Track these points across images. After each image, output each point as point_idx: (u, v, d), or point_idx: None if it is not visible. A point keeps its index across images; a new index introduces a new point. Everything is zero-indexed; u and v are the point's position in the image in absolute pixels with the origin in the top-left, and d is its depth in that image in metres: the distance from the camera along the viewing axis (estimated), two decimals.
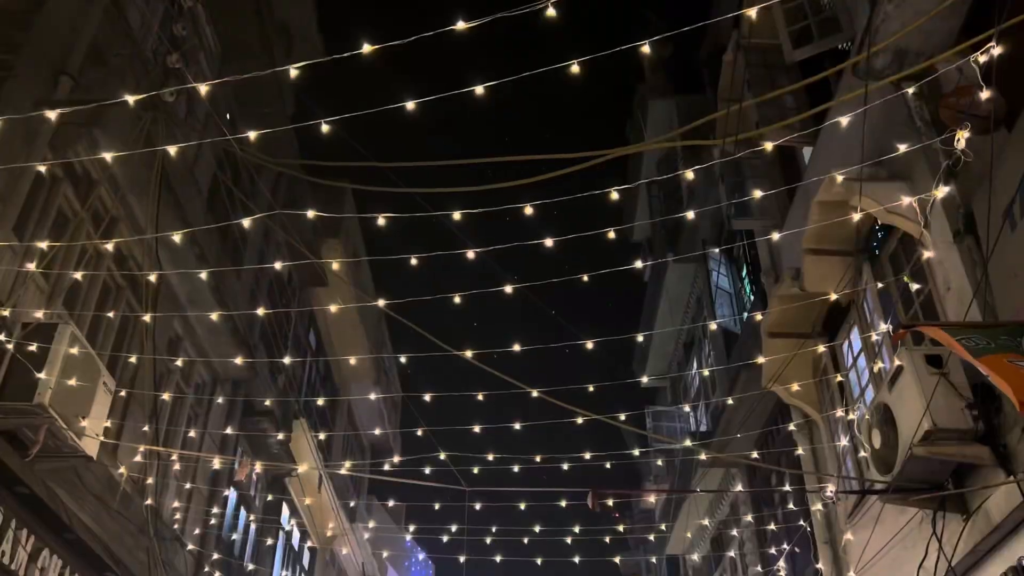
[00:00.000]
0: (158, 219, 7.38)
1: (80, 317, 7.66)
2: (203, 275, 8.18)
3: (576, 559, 9.59)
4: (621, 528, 11.28)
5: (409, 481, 7.15)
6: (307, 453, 14.32)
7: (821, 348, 8.39)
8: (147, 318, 7.38)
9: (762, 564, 11.15)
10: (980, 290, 5.75)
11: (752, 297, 12.19)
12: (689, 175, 6.63)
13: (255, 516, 12.94)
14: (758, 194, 8.18)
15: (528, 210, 5.23)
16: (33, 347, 5.97)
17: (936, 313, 6.67)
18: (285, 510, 15.01)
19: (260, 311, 9.60)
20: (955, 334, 4.64)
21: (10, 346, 5.93)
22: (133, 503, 8.63)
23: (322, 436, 16.72)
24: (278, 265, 7.29)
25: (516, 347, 6.28)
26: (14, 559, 6.24)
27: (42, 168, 6.44)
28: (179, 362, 9.29)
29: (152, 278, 7.39)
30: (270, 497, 13.52)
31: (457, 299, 5.80)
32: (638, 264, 6.48)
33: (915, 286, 6.75)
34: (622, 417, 6.89)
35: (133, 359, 8.15)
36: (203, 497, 10.66)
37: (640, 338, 14.44)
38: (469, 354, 6.05)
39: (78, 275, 6.74)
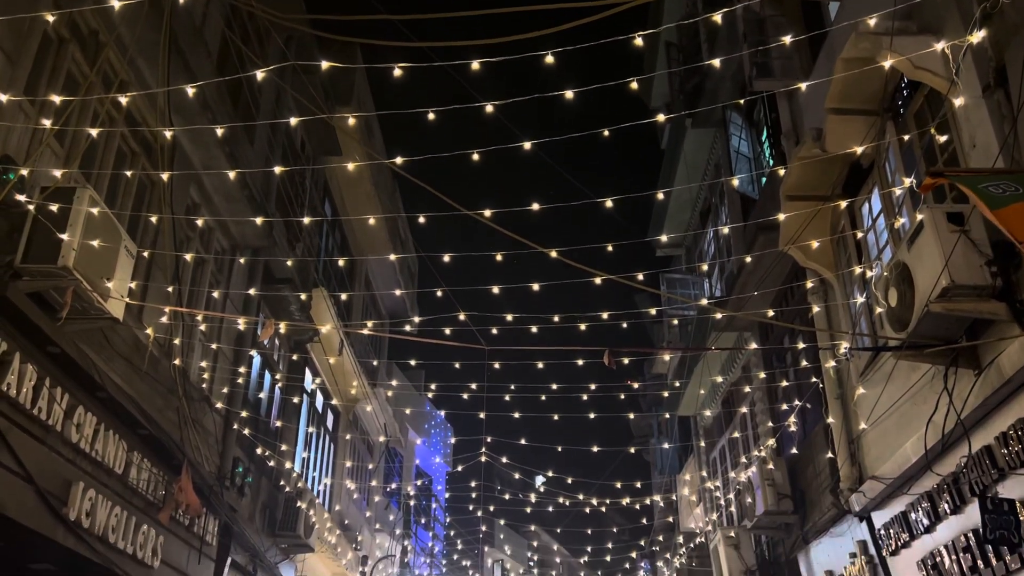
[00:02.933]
0: (168, 77, 7.27)
1: (96, 185, 7.67)
2: (219, 131, 8.12)
3: (591, 415, 9.87)
4: (635, 385, 11.50)
5: (429, 341, 7.28)
6: (327, 319, 14.59)
7: (843, 204, 8.30)
8: (165, 176, 7.37)
9: (773, 421, 11.42)
10: (1007, 146, 5.64)
11: (771, 161, 12.02)
12: (716, 18, 6.41)
13: (279, 377, 13.29)
14: (787, 40, 7.96)
15: (549, 58, 5.10)
16: (54, 207, 6.00)
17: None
18: (308, 374, 15.41)
19: (277, 169, 9.59)
20: (984, 181, 4.57)
21: (31, 207, 5.96)
22: (161, 365, 8.87)
23: (343, 296, 17.00)
24: (293, 121, 7.24)
25: (535, 206, 6.27)
26: (51, 415, 6.47)
27: (50, 19, 6.29)
28: (200, 222, 9.36)
29: (168, 135, 7.34)
30: (295, 357, 13.85)
31: (476, 156, 5.75)
32: (660, 117, 6.36)
33: (942, 137, 6.61)
34: (640, 277, 6.93)
35: (154, 219, 8.21)
36: (228, 359, 10.93)
37: (660, 195, 14.33)
38: (488, 213, 6.05)
39: (94, 132, 6.69)
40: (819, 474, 9.81)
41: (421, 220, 6.74)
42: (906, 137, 7.16)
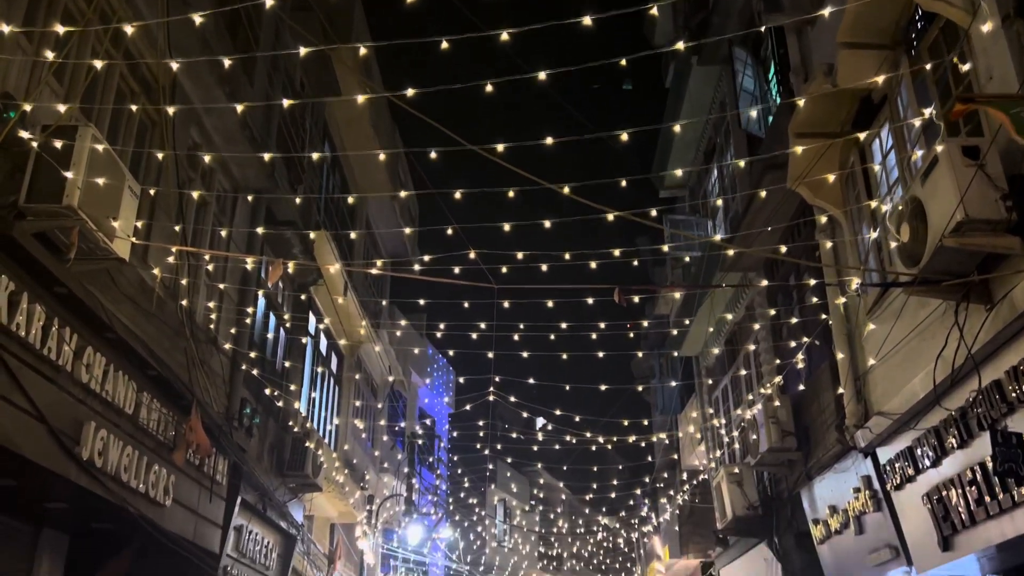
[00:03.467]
0: (168, 10, 7.13)
1: (96, 126, 7.55)
2: (227, 61, 8.02)
3: (599, 354, 9.90)
4: (645, 323, 11.52)
5: (438, 280, 7.23)
6: (331, 261, 14.56)
7: (861, 136, 8.15)
8: (171, 110, 7.27)
9: (777, 359, 11.43)
10: None
11: (779, 99, 11.85)
12: None
13: (285, 317, 13.31)
14: None
15: None
16: (58, 144, 5.91)
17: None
18: (312, 317, 15.43)
19: (285, 102, 9.49)
20: (1016, 106, 4.50)
21: (35, 144, 5.87)
22: (167, 307, 8.86)
23: (352, 235, 16.93)
24: (302, 51, 7.11)
25: (549, 140, 6.17)
26: (60, 356, 6.47)
27: None
28: (207, 158, 9.28)
29: (174, 66, 7.22)
30: (303, 297, 13.86)
31: (489, 87, 5.64)
32: (680, 46, 6.24)
33: (965, 66, 6.49)
34: (653, 213, 6.88)
35: (160, 155, 8.13)
36: (233, 302, 10.92)
37: (677, 128, 14.14)
38: (501, 148, 5.96)
39: (97, 63, 6.56)
40: (823, 411, 9.88)
41: (433, 155, 6.64)
42: (928, 66, 7.01)
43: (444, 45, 5.52)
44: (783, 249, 8.77)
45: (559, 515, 34.53)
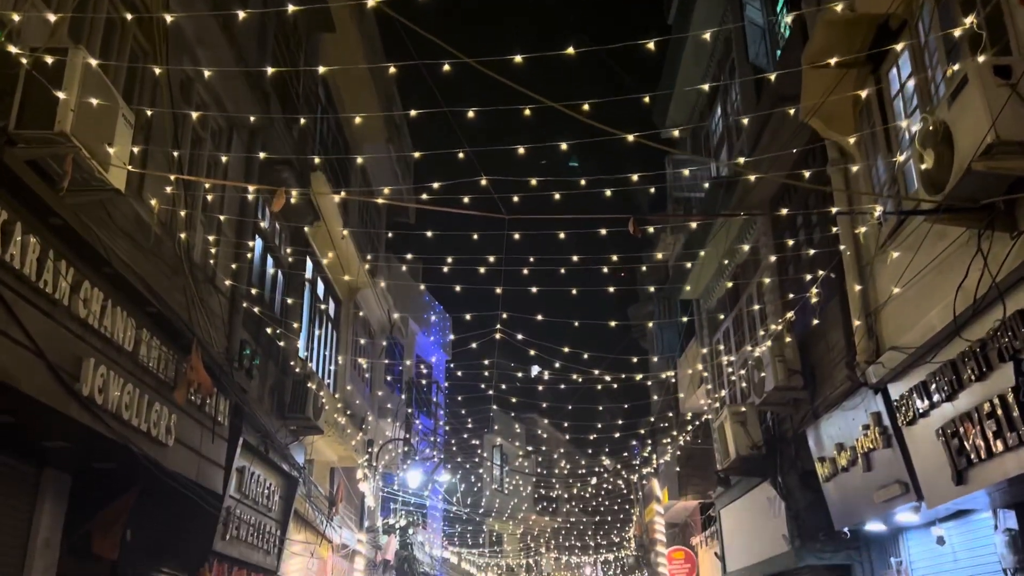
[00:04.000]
0: None
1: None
2: None
3: (611, 288, 9.73)
4: (659, 256, 11.33)
5: (447, 209, 7.01)
6: (328, 205, 14.32)
7: (889, 50, 7.86)
8: (169, 18, 6.99)
9: (784, 296, 11.26)
10: None
11: (787, 31, 11.54)
12: None
13: (282, 260, 13.11)
14: None
15: None
16: (48, 60, 5.64)
17: (1004, 25, 6.22)
18: (309, 263, 15.22)
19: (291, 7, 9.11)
20: None
21: (24, 60, 5.60)
22: (165, 245, 8.65)
23: (359, 158, 16.52)
24: None
25: (571, 50, 5.91)
26: (57, 289, 6.28)
27: None
28: (206, 70, 8.97)
29: None
30: (304, 228, 13.65)
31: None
32: None
33: None
34: (676, 132, 6.65)
35: (158, 70, 7.84)
36: (231, 241, 10.70)
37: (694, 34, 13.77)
38: (518, 59, 5.69)
39: None
40: (831, 349, 9.77)
41: (447, 67, 6.36)
42: None
43: None
44: (806, 175, 8.51)
45: (556, 460, 34.74)
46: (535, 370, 23.33)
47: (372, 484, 17.91)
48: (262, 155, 11.06)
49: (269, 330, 11.62)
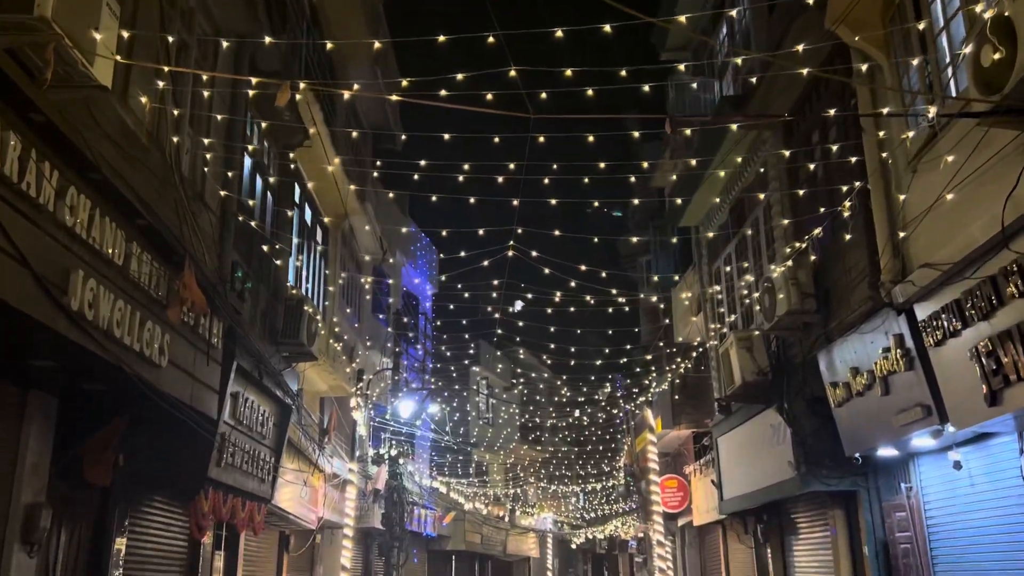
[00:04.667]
0: None
1: None
2: None
3: (635, 201, 9.24)
4: (676, 163, 10.82)
5: (468, 108, 6.50)
6: (316, 117, 13.74)
7: None
8: None
9: (796, 214, 10.88)
10: None
11: None
12: None
13: (271, 179, 12.58)
14: None
15: None
16: None
17: None
18: (296, 188, 14.67)
19: None
20: None
21: None
22: (153, 156, 8.11)
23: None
24: None
25: None
26: (41, 193, 5.78)
27: None
28: None
29: None
30: (286, 161, 13.10)
31: None
32: None
33: None
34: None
35: None
36: (220, 161, 10.15)
37: None
38: None
39: None
40: (849, 271, 9.45)
41: None
42: None
43: None
44: (829, 80, 8.01)
45: (541, 391, 34.73)
46: (518, 304, 22.98)
47: (364, 413, 17.65)
48: (254, 81, 10.43)
49: (265, 248, 11.11)
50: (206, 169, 9.51)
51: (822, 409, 10.74)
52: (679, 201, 14.49)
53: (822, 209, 9.75)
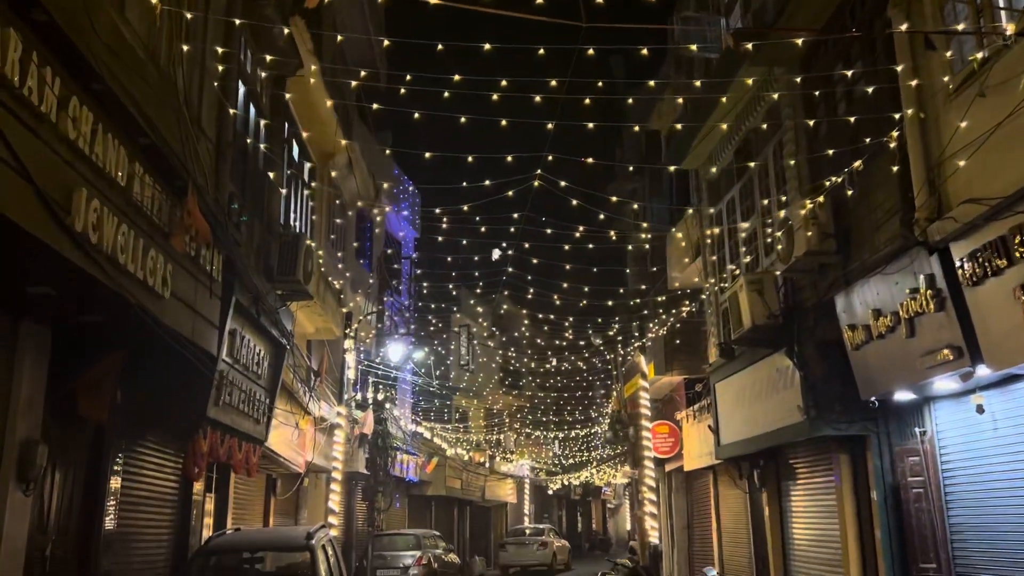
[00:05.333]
0: None
1: None
2: None
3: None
4: (698, 83, 10.36)
5: (515, 14, 5.99)
6: (308, 54, 13.16)
7: None
8: None
9: (815, 150, 10.52)
10: None
11: None
12: None
13: (264, 108, 12.02)
14: None
15: None
16: None
17: None
18: (286, 125, 14.09)
19: None
20: None
21: None
22: (150, 72, 7.57)
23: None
24: None
25: None
26: (43, 101, 5.29)
27: None
28: None
29: None
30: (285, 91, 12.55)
31: None
32: None
33: None
34: None
35: None
36: (215, 89, 9.59)
37: None
38: None
39: None
40: (874, 209, 9.18)
41: None
42: None
43: None
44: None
45: (523, 339, 34.54)
46: (495, 253, 22.58)
47: (355, 356, 17.29)
48: None
49: (270, 175, 10.57)
50: (198, 94, 8.95)
51: (833, 353, 10.55)
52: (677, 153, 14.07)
53: (844, 148, 9.41)
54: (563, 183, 9.54)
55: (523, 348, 32.98)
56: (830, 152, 9.46)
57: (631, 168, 22.42)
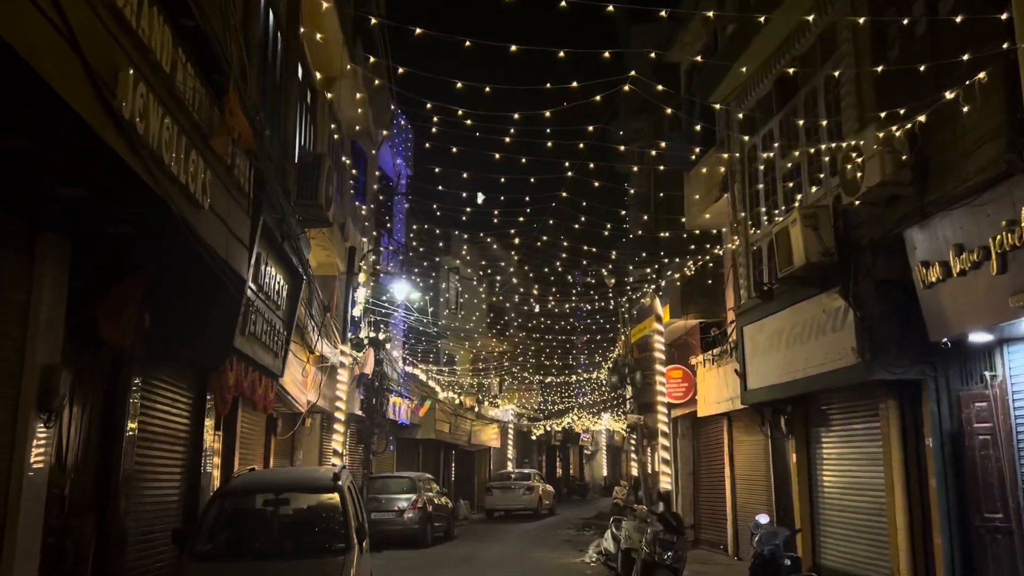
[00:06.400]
0: None
1: None
2: None
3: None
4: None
5: None
6: None
7: None
8: None
9: (876, 95, 9.81)
10: None
11: None
12: None
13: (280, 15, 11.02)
14: None
15: None
16: None
17: None
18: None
19: None
20: None
21: None
22: None
23: None
24: None
25: None
26: None
27: None
28: None
29: None
30: None
31: None
32: None
33: None
34: None
35: None
36: None
37: None
38: None
39: None
40: (964, 135, 8.49)
41: None
42: None
43: None
44: None
45: (509, 283, 33.87)
46: (480, 197, 21.76)
47: (367, 291, 16.49)
48: None
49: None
50: None
51: (893, 292, 9.98)
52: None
53: (938, 61, 8.68)
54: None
55: (521, 293, 32.29)
56: (922, 66, 8.70)
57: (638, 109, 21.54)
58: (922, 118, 8.67)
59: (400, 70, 11.00)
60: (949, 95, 8.26)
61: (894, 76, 9.64)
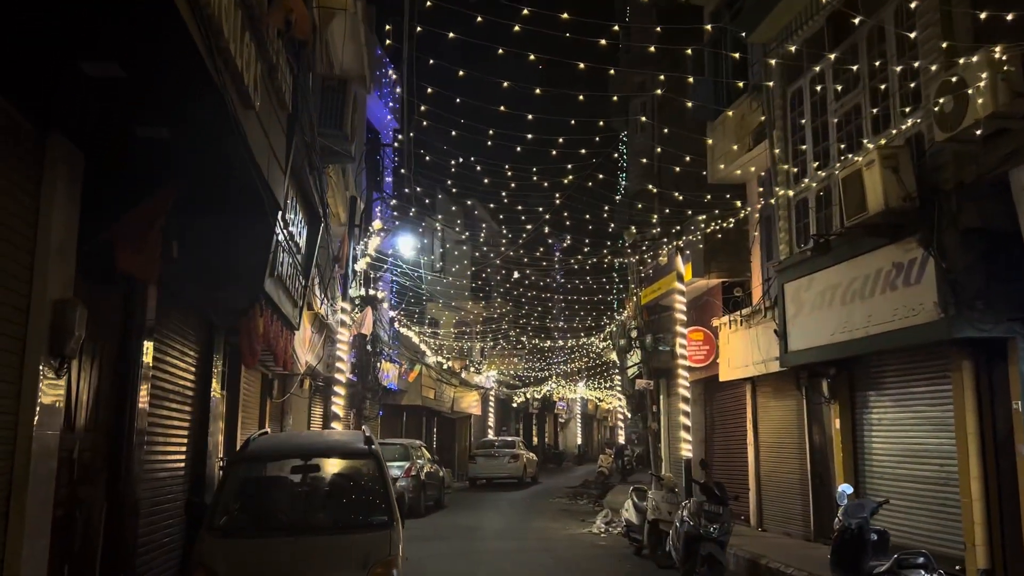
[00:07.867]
0: None
1: None
2: None
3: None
4: None
5: None
6: None
7: None
8: None
9: (971, 18, 8.82)
10: None
11: None
12: None
13: None
14: None
15: None
16: None
17: None
18: None
19: None
20: None
21: None
22: None
23: None
24: None
25: None
26: None
27: None
28: None
29: None
30: None
31: None
32: None
33: None
34: None
35: None
36: None
37: None
38: None
39: None
40: None
41: None
42: None
43: None
44: None
45: (496, 246, 32.72)
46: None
47: (376, 242, 15.26)
48: None
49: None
50: None
51: (979, 242, 9.10)
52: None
53: None
54: None
55: (492, 253, 31.13)
56: None
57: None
58: None
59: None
60: None
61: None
